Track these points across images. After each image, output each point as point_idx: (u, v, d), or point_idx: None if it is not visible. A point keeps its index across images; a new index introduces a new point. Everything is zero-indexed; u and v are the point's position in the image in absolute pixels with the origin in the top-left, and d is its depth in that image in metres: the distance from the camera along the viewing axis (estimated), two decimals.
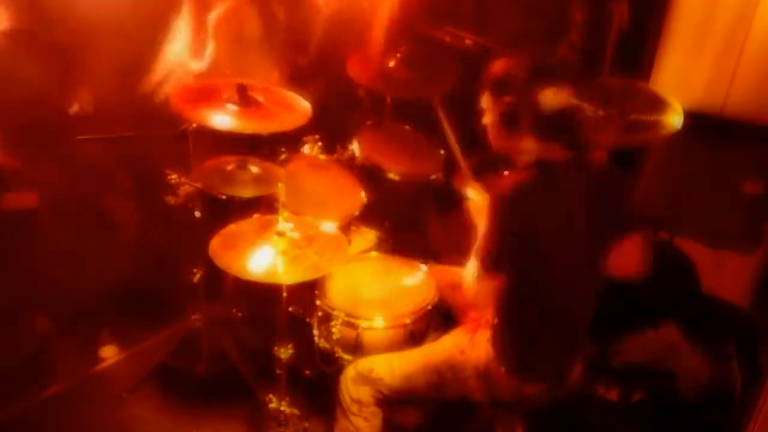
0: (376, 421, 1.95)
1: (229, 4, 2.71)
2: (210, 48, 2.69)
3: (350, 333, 2.09)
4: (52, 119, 2.45)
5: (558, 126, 1.65)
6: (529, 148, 1.68)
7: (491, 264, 1.66)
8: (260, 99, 2.22)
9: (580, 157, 1.69)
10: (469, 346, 1.89)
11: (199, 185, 2.23)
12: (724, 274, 2.78)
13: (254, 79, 2.34)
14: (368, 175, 2.57)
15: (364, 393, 1.92)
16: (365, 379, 1.92)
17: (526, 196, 1.63)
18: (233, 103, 2.16)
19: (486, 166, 2.15)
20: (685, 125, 2.36)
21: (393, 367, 1.92)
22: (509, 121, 1.67)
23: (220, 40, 2.68)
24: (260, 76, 2.66)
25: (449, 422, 2.15)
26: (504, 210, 1.63)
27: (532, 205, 1.63)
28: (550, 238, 1.64)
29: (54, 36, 2.44)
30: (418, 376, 1.88)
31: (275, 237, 1.95)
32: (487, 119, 1.74)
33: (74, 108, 2.53)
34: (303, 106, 2.31)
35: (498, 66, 1.70)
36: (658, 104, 2.42)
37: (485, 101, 1.74)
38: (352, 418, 1.93)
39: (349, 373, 1.96)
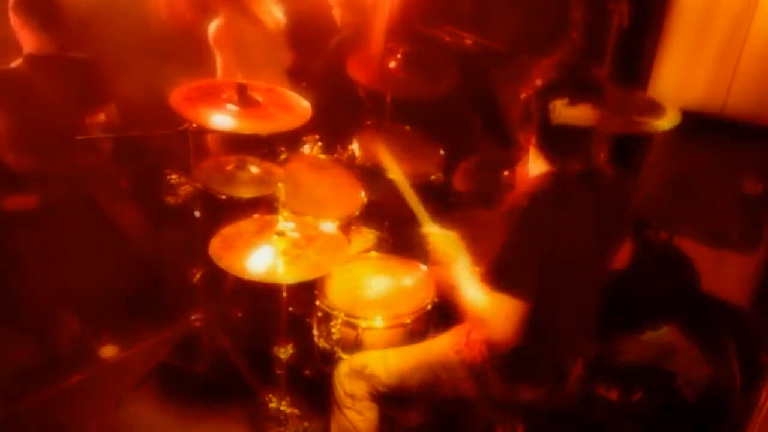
0: (371, 414, 1.94)
1: (226, 16, 2.71)
2: (217, 60, 2.69)
3: (350, 333, 2.09)
4: (66, 129, 2.45)
5: (562, 141, 1.61)
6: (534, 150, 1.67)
7: (509, 279, 1.55)
8: (260, 99, 2.22)
9: (590, 173, 1.65)
10: (465, 346, 1.86)
11: (199, 185, 2.23)
12: (724, 274, 2.78)
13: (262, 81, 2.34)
14: (368, 175, 2.57)
15: (358, 388, 1.91)
16: (359, 374, 1.91)
17: (542, 208, 1.57)
18: (233, 103, 2.16)
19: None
20: (686, 125, 2.36)
21: (387, 364, 1.90)
22: (524, 113, 1.64)
23: (224, 51, 2.69)
24: (268, 79, 2.65)
25: (449, 421, 2.15)
26: (523, 222, 1.56)
27: (548, 217, 1.57)
28: (560, 253, 1.58)
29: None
30: (413, 375, 1.87)
31: (275, 237, 1.95)
32: (521, 96, 1.70)
33: (100, 118, 2.55)
34: (303, 106, 2.30)
35: (547, 58, 1.65)
36: (652, 108, 2.41)
37: (529, 81, 1.69)
38: (346, 411, 1.93)
39: (343, 369, 1.95)
